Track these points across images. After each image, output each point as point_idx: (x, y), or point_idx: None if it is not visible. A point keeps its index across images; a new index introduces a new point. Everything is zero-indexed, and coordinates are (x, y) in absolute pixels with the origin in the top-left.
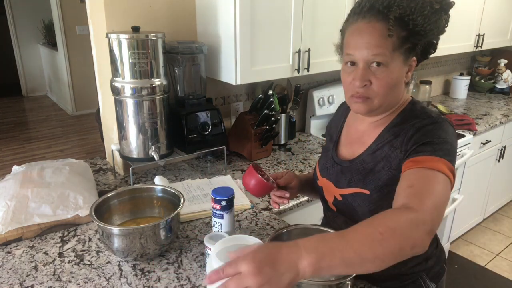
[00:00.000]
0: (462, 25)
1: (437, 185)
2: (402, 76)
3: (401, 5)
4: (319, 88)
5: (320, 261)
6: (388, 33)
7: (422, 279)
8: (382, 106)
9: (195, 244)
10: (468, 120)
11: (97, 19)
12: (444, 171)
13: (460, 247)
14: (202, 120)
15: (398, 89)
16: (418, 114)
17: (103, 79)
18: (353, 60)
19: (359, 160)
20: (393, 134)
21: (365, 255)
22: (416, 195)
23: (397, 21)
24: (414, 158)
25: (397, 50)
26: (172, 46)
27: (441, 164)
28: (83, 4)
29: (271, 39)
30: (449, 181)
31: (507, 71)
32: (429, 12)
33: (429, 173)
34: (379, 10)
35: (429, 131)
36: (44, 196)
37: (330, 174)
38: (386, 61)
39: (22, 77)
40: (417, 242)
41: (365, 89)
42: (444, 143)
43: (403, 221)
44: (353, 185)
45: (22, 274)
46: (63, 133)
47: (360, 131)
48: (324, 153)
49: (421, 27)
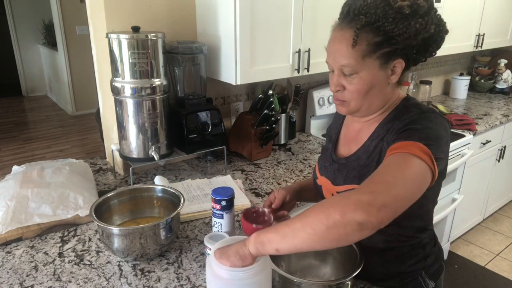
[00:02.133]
0: (462, 25)
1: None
2: (379, 80)
3: (369, 12)
4: (319, 88)
5: (260, 234)
6: (352, 43)
7: (422, 277)
8: (362, 108)
9: (195, 244)
10: (468, 120)
11: (97, 19)
12: (415, 153)
13: (460, 247)
14: (202, 120)
15: (378, 93)
16: (410, 109)
17: (103, 79)
18: (330, 67)
19: (355, 157)
20: (386, 130)
21: (295, 225)
22: (368, 178)
23: (367, 28)
24: (390, 147)
25: (368, 56)
26: (172, 46)
27: (413, 147)
28: (83, 4)
29: (271, 39)
30: (423, 163)
31: (507, 71)
32: (395, 19)
33: (396, 158)
34: (351, 18)
35: (412, 121)
36: (44, 196)
37: (328, 172)
38: (354, 70)
39: (22, 77)
40: (346, 208)
41: (339, 93)
42: (426, 130)
43: (336, 196)
44: (349, 182)
45: (22, 274)
46: (63, 133)
47: (356, 130)
48: (323, 153)
49: (392, 33)
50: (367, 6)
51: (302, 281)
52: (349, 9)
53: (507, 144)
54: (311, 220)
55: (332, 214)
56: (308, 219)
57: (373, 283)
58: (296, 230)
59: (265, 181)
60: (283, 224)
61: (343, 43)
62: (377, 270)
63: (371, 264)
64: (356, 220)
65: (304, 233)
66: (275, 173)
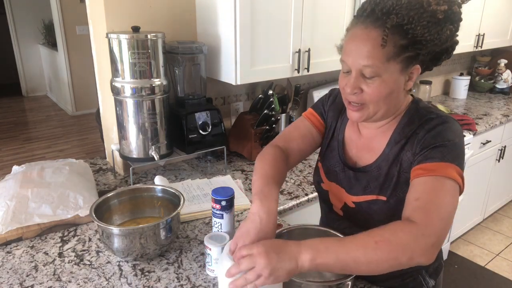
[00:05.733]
0: (462, 25)
1: (444, 196)
2: (398, 86)
3: (400, 13)
4: (319, 88)
5: (317, 257)
6: (382, 42)
7: (422, 276)
8: (378, 113)
9: (195, 244)
10: (468, 120)
11: (97, 19)
12: (453, 177)
13: (460, 247)
14: (202, 120)
15: (395, 98)
16: (424, 113)
17: (103, 79)
18: (346, 67)
19: (375, 166)
20: (405, 137)
21: (358, 258)
22: (422, 208)
23: (395, 29)
24: (423, 165)
25: (393, 59)
26: (172, 46)
27: (450, 170)
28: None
29: (271, 39)
30: (458, 186)
31: (507, 71)
32: (429, 23)
33: (437, 183)
34: (377, 17)
35: (439, 134)
36: (44, 196)
37: (341, 179)
38: (377, 72)
39: (22, 77)
40: (415, 253)
41: (356, 96)
42: (454, 146)
43: (402, 233)
44: (369, 192)
45: (22, 274)
46: (63, 133)
47: (367, 137)
48: (329, 153)
49: (422, 37)
50: (399, 6)
51: (302, 281)
52: (375, 7)
53: (507, 144)
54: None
55: (402, 258)
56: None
57: (374, 283)
58: (359, 263)
59: None
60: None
61: (368, 42)
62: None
63: None
64: (418, 262)
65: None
66: None
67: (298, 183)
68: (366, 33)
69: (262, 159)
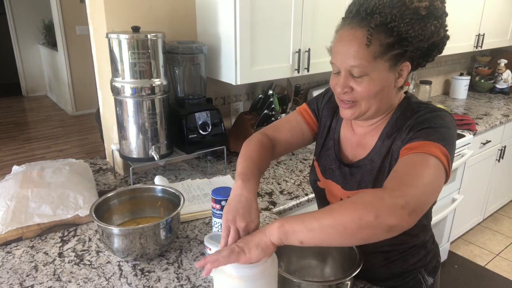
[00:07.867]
0: (462, 25)
1: (423, 169)
2: (388, 83)
3: (383, 12)
4: (319, 88)
5: (284, 223)
6: (366, 42)
7: (421, 274)
8: (370, 110)
9: (195, 244)
10: (468, 120)
11: (97, 19)
12: (435, 154)
13: (460, 247)
14: (202, 120)
15: (386, 95)
16: (416, 107)
17: (103, 79)
18: (336, 68)
19: (368, 160)
20: (397, 129)
21: (324, 221)
22: (396, 178)
23: (380, 28)
24: (408, 145)
25: (380, 57)
26: (172, 46)
27: (434, 149)
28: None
29: (271, 39)
30: (441, 164)
31: (507, 71)
32: (412, 20)
33: (418, 157)
34: (362, 17)
35: (427, 119)
36: (44, 196)
37: (336, 176)
38: (365, 72)
39: (22, 77)
40: (380, 211)
41: (347, 94)
42: (441, 127)
43: (368, 195)
44: (364, 186)
45: (22, 274)
46: (63, 133)
47: (360, 134)
48: (325, 152)
49: (406, 34)
50: (382, 5)
51: (301, 281)
52: (360, 8)
53: (507, 144)
54: (343, 218)
55: (366, 216)
56: (339, 217)
57: (374, 283)
58: (325, 226)
59: (265, 181)
60: (309, 217)
61: (353, 43)
62: (380, 271)
63: (374, 264)
64: (388, 224)
65: (333, 229)
66: (275, 173)
67: (298, 183)
68: (352, 33)
69: (249, 143)
